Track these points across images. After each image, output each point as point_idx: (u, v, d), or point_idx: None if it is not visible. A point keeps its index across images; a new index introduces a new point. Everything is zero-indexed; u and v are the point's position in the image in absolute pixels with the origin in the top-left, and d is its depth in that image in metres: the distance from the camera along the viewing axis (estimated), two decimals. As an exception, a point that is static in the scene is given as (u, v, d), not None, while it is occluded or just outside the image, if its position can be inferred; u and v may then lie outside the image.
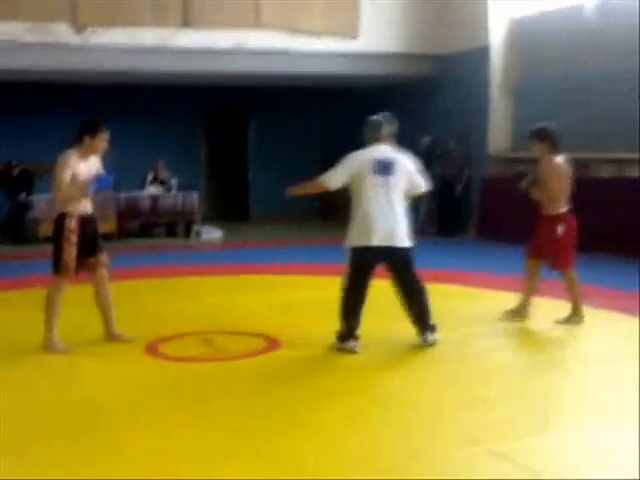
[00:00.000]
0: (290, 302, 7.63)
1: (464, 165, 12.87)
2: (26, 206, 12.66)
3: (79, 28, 11.59)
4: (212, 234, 13.30)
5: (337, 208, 15.12)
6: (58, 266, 5.82)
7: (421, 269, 6.66)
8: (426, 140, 13.14)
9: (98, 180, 5.83)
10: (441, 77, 13.57)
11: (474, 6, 12.75)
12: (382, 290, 5.86)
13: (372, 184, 5.59)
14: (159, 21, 11.95)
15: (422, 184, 5.86)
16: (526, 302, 6.61)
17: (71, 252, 5.78)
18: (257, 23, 12.39)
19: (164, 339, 6.21)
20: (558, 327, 6.41)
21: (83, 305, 6.35)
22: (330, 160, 17.73)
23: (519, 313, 6.61)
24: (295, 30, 12.62)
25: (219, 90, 14.77)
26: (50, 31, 11.54)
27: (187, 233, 13.34)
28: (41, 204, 12.40)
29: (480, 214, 12.72)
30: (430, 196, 13.04)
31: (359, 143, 5.83)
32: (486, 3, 12.50)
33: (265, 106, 15.75)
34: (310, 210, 15.53)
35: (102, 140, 5.83)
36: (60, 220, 5.81)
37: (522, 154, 12.15)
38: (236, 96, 15.20)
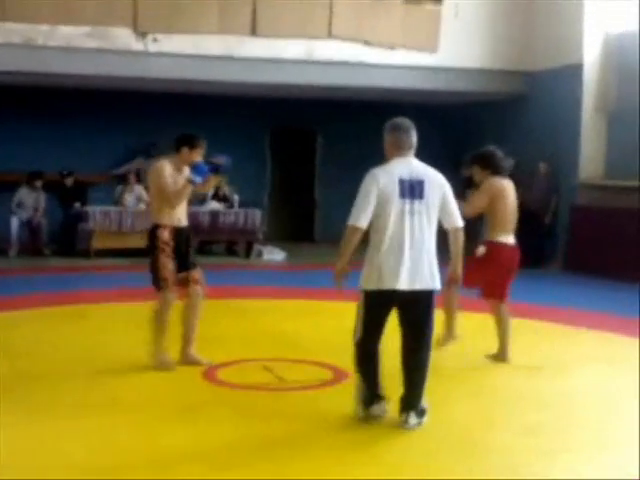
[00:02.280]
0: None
1: (552, 192, 12.65)
2: (80, 217, 12.85)
3: (140, 35, 11.79)
4: (274, 255, 13.29)
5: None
6: (157, 280, 5.96)
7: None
8: (509, 163, 12.93)
9: (198, 170, 5.98)
10: (528, 96, 13.42)
11: (567, 20, 12.58)
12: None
13: (398, 210, 4.73)
14: (225, 29, 12.07)
15: (457, 217, 4.94)
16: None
17: (167, 264, 5.96)
18: (329, 33, 12.43)
19: (222, 364, 6.21)
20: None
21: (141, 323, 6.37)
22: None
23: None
24: (369, 41, 12.62)
25: (286, 102, 14.81)
26: (110, 37, 11.75)
27: (248, 253, 13.35)
28: (96, 215, 12.58)
29: (567, 245, 12.47)
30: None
31: (431, 161, 5.10)
32: (581, 17, 12.32)
33: (334, 121, 15.74)
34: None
35: (199, 153, 6.08)
36: (153, 232, 6.01)
37: (616, 182, 11.92)
38: (304, 109, 15.22)
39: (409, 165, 4.83)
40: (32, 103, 14.05)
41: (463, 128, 14.82)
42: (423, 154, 4.99)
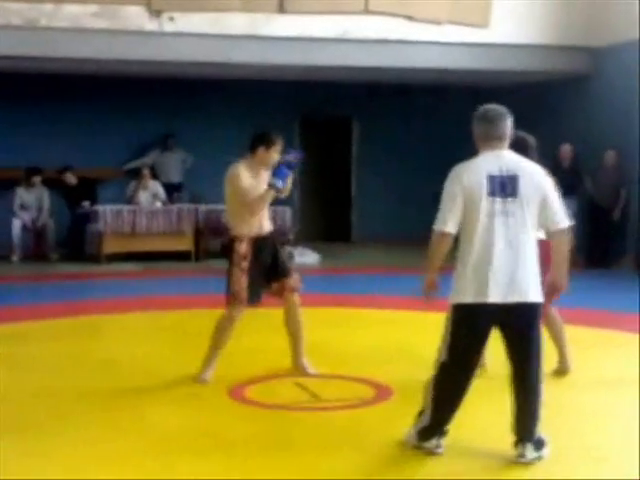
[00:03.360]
0: (403, 342, 7.52)
1: (621, 184, 12.54)
2: (89, 217, 12.94)
3: (154, 13, 11.83)
4: (307, 257, 13.30)
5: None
6: (229, 295, 6.21)
7: (564, 308, 6.44)
8: (566, 150, 12.86)
9: (279, 173, 6.15)
10: (593, 75, 13.31)
11: (638, -14, 12.47)
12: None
13: (487, 211, 4.61)
14: (250, 5, 12.10)
15: (560, 217, 4.74)
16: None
17: (241, 280, 6.15)
18: (366, 8, 12.41)
19: (250, 381, 6.25)
20: None
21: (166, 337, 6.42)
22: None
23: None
24: (411, 17, 12.59)
25: (318, 86, 14.80)
26: (121, 16, 11.80)
27: (277, 256, 13.34)
28: (107, 215, 12.66)
29: (639, 244, 12.36)
30: (578, 219, 12.89)
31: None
32: (653, -17, 12.21)
33: (373, 106, 15.72)
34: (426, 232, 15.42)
35: (276, 152, 6.28)
36: (231, 244, 6.26)
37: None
38: (338, 94, 15.22)
39: (499, 158, 4.74)
40: (33, 91, 14.14)
41: (518, 112, 14.67)
42: (471, 142, 4.93)
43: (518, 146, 6.29)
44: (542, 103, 14.17)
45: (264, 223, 6.31)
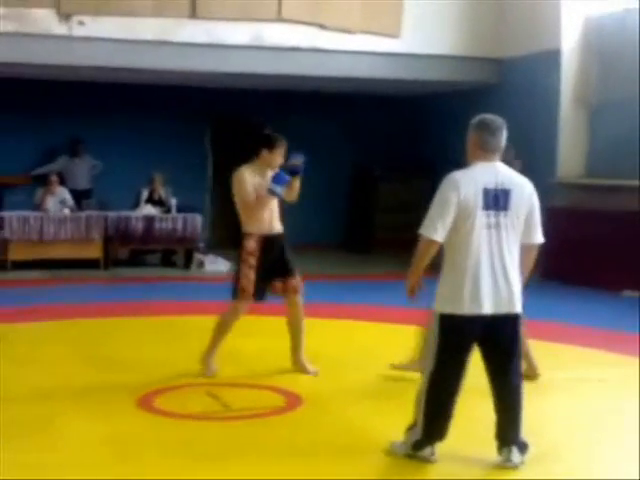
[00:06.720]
0: (314, 350, 7.49)
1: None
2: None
3: (64, 17, 11.64)
4: (218, 265, 13.21)
5: (371, 239, 15.06)
6: (235, 290, 6.49)
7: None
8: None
9: (278, 179, 6.42)
10: (500, 86, 13.51)
11: (543, 1, 12.70)
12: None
13: (480, 223, 4.64)
14: (161, 10, 12.00)
15: (539, 232, 4.84)
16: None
17: (249, 275, 6.45)
18: (278, 15, 12.42)
19: (159, 391, 6.17)
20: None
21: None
22: (360, 180, 17.45)
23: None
24: (324, 25, 12.64)
25: (230, 93, 14.77)
26: (29, 19, 11.57)
27: (187, 263, 13.29)
28: (12, 222, 12.39)
29: (545, 252, 12.55)
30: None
31: (396, 159, 4.91)
32: (558, -3, 12.46)
33: (284, 114, 15.71)
34: (339, 240, 15.56)
35: (279, 154, 6.60)
36: (240, 241, 6.55)
37: (598, 181, 12.06)
38: (250, 101, 15.20)
39: (495, 171, 4.74)
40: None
41: (427, 121, 14.88)
42: (383, 149, 4.96)
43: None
44: (450, 112, 14.35)
45: (274, 223, 6.61)
